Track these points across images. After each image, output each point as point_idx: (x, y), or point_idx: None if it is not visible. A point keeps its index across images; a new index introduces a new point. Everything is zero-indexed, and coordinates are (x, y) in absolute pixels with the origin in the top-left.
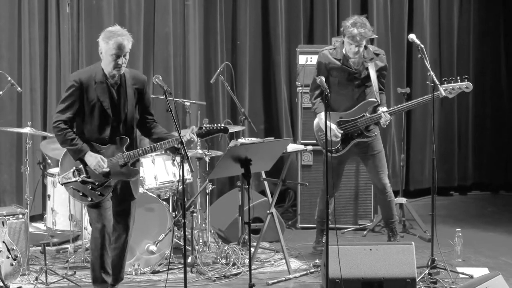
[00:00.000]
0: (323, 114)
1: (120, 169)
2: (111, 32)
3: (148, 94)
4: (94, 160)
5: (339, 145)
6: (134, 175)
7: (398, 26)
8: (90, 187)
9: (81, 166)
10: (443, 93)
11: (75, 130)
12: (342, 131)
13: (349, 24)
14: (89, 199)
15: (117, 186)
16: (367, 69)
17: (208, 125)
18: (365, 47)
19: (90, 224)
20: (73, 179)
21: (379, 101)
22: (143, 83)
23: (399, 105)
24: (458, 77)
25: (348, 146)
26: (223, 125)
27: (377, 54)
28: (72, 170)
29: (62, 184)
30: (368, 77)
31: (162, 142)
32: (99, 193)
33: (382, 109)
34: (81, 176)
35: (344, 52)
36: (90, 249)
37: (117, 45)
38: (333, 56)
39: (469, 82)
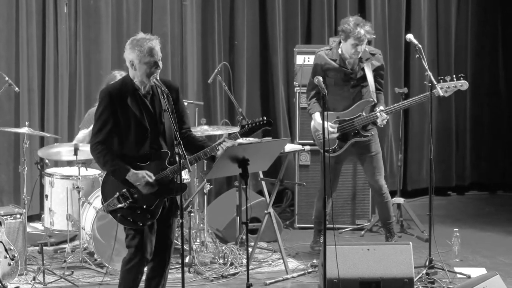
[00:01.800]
0: (317, 114)
1: (167, 185)
2: (140, 39)
3: (182, 102)
4: (141, 178)
5: (336, 145)
6: (183, 190)
7: (396, 26)
8: (139, 211)
9: (124, 190)
10: (441, 93)
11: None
12: (336, 126)
13: (352, 25)
14: (140, 224)
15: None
16: (362, 69)
17: (249, 122)
18: None
19: (127, 247)
20: (119, 206)
21: (375, 100)
22: (176, 91)
23: (395, 104)
24: (454, 76)
25: (345, 146)
26: (265, 118)
27: (373, 54)
28: (116, 195)
29: (108, 212)
30: (364, 77)
31: (206, 149)
32: (149, 215)
33: (379, 108)
34: (127, 202)
35: (340, 52)
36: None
37: (151, 51)
38: (329, 56)
39: (464, 81)
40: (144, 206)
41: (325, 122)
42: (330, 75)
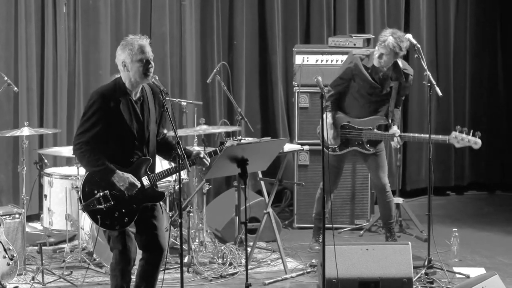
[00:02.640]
0: (328, 114)
1: (145, 192)
2: (130, 40)
3: (172, 110)
4: (126, 179)
5: (337, 146)
6: (160, 198)
7: (395, 26)
8: (117, 214)
9: (106, 192)
10: (440, 93)
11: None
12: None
13: (387, 34)
14: (117, 227)
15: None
16: (391, 87)
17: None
18: (396, 65)
19: (111, 249)
20: (99, 207)
21: (390, 122)
22: (165, 92)
23: (412, 134)
24: (471, 130)
25: (344, 151)
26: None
27: (406, 74)
28: (96, 196)
29: (85, 212)
30: (388, 94)
31: (189, 159)
32: (126, 219)
33: (396, 131)
34: (107, 204)
35: (374, 63)
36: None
37: (142, 49)
38: (364, 63)
39: (478, 139)
40: (123, 210)
41: (325, 122)
42: (356, 81)
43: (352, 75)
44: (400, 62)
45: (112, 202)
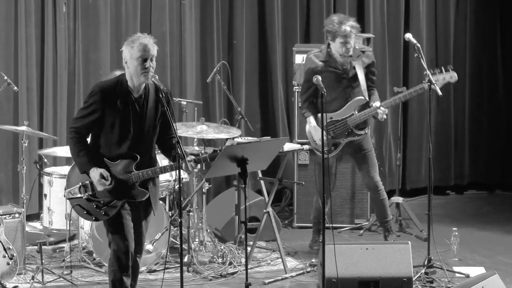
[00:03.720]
0: (311, 118)
1: (128, 188)
2: (134, 37)
3: (171, 108)
4: (96, 176)
5: (331, 145)
6: (142, 196)
7: (395, 25)
8: (95, 205)
9: (87, 182)
10: (440, 92)
11: (89, 141)
12: (332, 134)
13: (336, 24)
14: (93, 218)
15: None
16: (354, 68)
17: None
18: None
19: (109, 246)
20: (78, 195)
21: (367, 99)
22: (168, 95)
23: (392, 98)
24: (442, 67)
25: (340, 146)
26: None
27: (363, 51)
28: (78, 185)
29: (67, 199)
30: (355, 76)
31: (169, 165)
32: (103, 212)
33: (376, 104)
34: (87, 194)
35: (330, 53)
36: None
37: (142, 47)
38: (320, 59)
39: (453, 72)
40: (101, 202)
41: (307, 127)
42: (322, 77)
43: (314, 74)
44: (356, 44)
45: (90, 192)
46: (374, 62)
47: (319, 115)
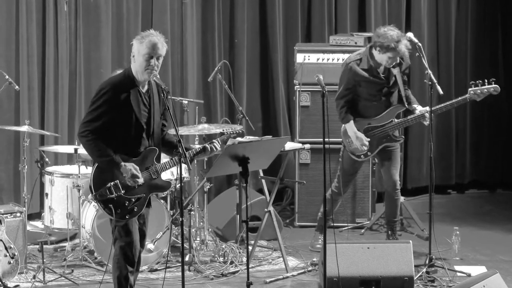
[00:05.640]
0: (351, 123)
1: (153, 181)
2: (146, 33)
3: (170, 102)
4: (128, 171)
5: (367, 150)
6: (167, 187)
7: (396, 24)
8: (126, 203)
9: (117, 181)
10: (441, 91)
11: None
12: (369, 139)
13: (393, 41)
14: (127, 216)
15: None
16: (394, 76)
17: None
18: None
19: (114, 243)
20: (110, 196)
21: (406, 106)
22: (167, 91)
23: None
24: (486, 81)
25: (376, 151)
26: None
27: (402, 58)
28: (108, 186)
29: (97, 202)
30: (395, 83)
31: (190, 151)
32: (136, 209)
33: (423, 109)
34: (118, 193)
35: (371, 62)
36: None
37: (151, 45)
38: (361, 67)
39: (496, 85)
40: (132, 199)
41: (351, 133)
42: (362, 85)
43: (355, 82)
44: None
45: (122, 191)
46: (410, 65)
47: (356, 122)
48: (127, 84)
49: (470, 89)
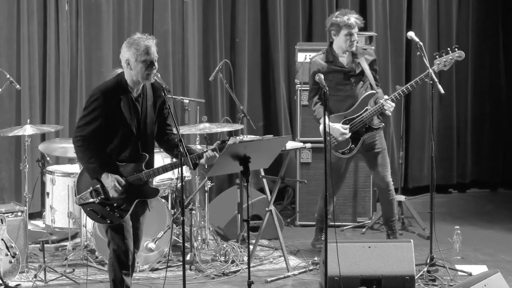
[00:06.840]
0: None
1: (140, 188)
2: (136, 38)
3: (171, 101)
4: (110, 182)
5: (350, 144)
6: (155, 194)
7: (397, 24)
8: (108, 209)
9: (98, 186)
10: (442, 91)
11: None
12: (347, 126)
13: (340, 16)
14: (108, 221)
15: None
16: (359, 64)
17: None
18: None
19: (109, 245)
20: (91, 200)
21: (377, 91)
22: (168, 90)
23: (398, 90)
24: (449, 49)
25: (359, 142)
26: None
27: (364, 49)
28: (89, 190)
29: (79, 205)
30: (362, 72)
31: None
32: (118, 214)
33: (383, 99)
34: (99, 198)
35: (334, 53)
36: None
37: (147, 50)
38: (325, 60)
39: (460, 51)
40: (115, 205)
41: (334, 124)
42: (329, 78)
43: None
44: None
45: (103, 196)
46: (376, 59)
47: (331, 115)
48: (118, 90)
49: (435, 60)
